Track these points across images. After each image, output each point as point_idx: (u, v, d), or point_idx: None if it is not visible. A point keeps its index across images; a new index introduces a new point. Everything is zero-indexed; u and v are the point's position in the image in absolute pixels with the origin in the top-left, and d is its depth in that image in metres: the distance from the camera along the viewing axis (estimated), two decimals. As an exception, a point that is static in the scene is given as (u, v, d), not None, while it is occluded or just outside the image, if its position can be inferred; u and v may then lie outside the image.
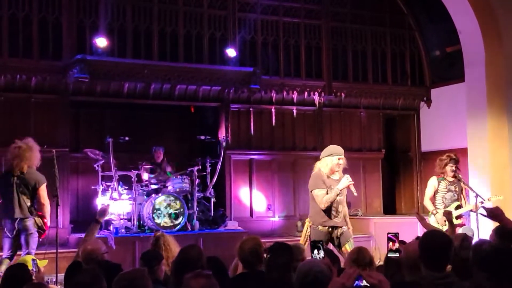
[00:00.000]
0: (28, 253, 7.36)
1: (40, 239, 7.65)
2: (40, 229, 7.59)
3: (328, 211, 7.20)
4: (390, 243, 4.60)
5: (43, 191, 7.59)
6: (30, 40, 10.13)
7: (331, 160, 7.24)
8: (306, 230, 7.39)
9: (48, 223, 7.71)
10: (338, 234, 7.28)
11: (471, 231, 7.99)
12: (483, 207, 5.17)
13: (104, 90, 10.61)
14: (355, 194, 7.35)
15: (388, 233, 4.68)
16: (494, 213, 5.10)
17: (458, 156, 8.65)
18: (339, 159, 7.25)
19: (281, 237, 10.72)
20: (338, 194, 7.12)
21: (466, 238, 4.81)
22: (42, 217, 7.60)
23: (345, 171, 7.49)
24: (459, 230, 7.89)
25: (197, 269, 3.85)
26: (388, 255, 4.68)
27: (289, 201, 12.01)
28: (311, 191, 7.29)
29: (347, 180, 7.11)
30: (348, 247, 7.08)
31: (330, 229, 7.26)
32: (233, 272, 5.24)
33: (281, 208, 11.92)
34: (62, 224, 9.70)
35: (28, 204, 7.51)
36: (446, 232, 5.24)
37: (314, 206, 7.26)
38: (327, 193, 7.12)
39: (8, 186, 7.52)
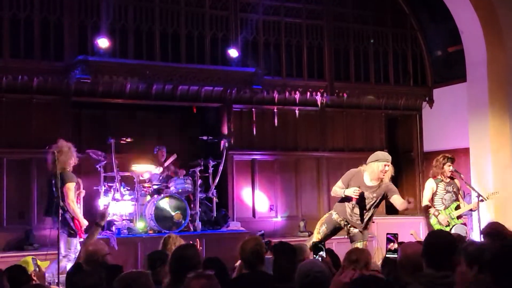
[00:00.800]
0: (59, 251, 7.43)
1: (80, 239, 7.74)
2: (70, 229, 7.67)
3: (346, 205, 7.39)
4: (390, 244, 4.60)
5: (67, 190, 7.69)
6: (31, 41, 10.13)
7: (377, 166, 7.27)
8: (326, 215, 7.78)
9: (82, 223, 7.76)
10: (349, 230, 7.47)
11: (464, 229, 8.01)
12: None
13: (106, 91, 10.59)
14: (350, 205, 7.40)
15: (387, 234, 4.69)
16: None
17: (454, 156, 8.67)
18: (385, 165, 7.26)
19: (283, 237, 10.70)
20: (347, 197, 7.30)
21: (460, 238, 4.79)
22: (72, 217, 7.67)
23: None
24: (452, 230, 7.91)
25: (194, 268, 3.85)
26: (387, 255, 4.69)
27: (292, 201, 12.00)
28: None
29: (353, 191, 7.19)
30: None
31: (341, 221, 7.46)
32: (239, 272, 5.24)
33: (283, 208, 11.90)
34: (64, 225, 9.73)
35: (60, 204, 7.62)
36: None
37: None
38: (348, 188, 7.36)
39: (48, 186, 8.00)
